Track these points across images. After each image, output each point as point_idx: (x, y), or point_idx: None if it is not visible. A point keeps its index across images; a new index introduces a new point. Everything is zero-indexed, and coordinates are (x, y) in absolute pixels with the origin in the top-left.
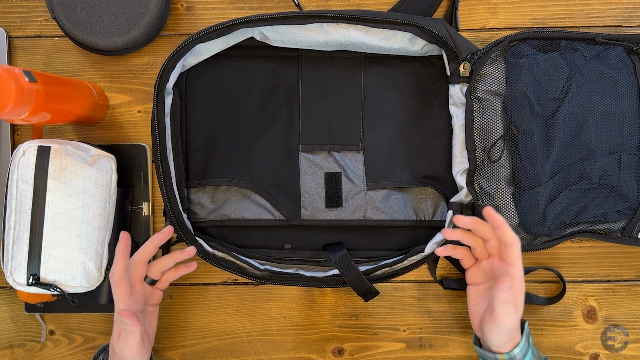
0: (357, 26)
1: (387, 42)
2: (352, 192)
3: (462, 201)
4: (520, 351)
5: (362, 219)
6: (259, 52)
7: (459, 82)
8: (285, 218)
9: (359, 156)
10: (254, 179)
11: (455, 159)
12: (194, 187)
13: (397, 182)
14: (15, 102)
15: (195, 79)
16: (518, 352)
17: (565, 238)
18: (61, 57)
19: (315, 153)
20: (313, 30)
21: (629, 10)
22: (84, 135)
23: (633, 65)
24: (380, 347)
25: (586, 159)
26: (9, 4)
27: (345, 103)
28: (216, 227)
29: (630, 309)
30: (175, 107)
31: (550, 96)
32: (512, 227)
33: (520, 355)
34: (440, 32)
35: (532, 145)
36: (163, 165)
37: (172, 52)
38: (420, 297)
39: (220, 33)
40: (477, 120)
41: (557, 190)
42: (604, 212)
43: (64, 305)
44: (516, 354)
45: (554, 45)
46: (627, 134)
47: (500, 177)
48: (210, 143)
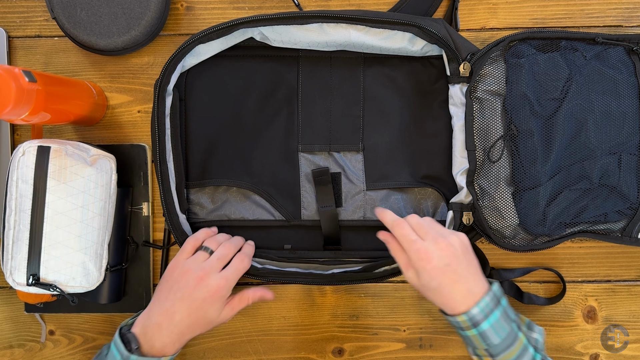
0: (356, 26)
1: (387, 42)
2: (352, 192)
3: (462, 201)
4: (481, 311)
5: (362, 219)
6: (259, 52)
7: (458, 82)
8: (285, 218)
9: (359, 156)
10: (253, 179)
11: (455, 159)
12: (193, 188)
13: (396, 183)
14: (15, 102)
15: (195, 80)
16: (477, 312)
17: (565, 238)
18: (61, 57)
19: (315, 153)
20: (313, 31)
21: (629, 10)
22: (84, 135)
23: (633, 65)
24: (380, 347)
25: (586, 159)
26: (9, 4)
27: (345, 103)
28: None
29: (630, 309)
30: (175, 108)
31: (550, 96)
32: (512, 227)
33: (482, 315)
34: (440, 32)
35: (532, 145)
36: (161, 168)
37: (173, 54)
38: (420, 297)
39: (220, 34)
40: (477, 120)
41: (557, 190)
42: (604, 212)
43: (63, 305)
44: (475, 314)
45: (554, 45)
46: (627, 134)
47: (500, 177)
48: (210, 143)
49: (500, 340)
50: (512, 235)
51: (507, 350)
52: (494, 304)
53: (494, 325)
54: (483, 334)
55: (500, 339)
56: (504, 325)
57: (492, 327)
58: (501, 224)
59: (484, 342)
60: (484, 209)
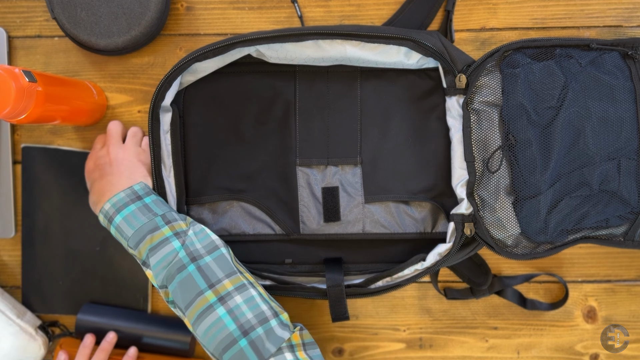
0: (352, 42)
1: (382, 57)
2: (350, 206)
3: (463, 213)
4: (113, 206)
5: (361, 232)
6: (256, 68)
7: (455, 95)
8: (285, 232)
9: (357, 170)
10: (253, 193)
11: (455, 170)
12: (194, 204)
13: (395, 195)
14: (15, 102)
15: (192, 96)
16: (109, 207)
17: (567, 245)
18: (61, 57)
19: (312, 167)
20: (309, 47)
21: (629, 10)
22: (84, 135)
23: (629, 69)
24: (380, 347)
25: (585, 166)
26: (9, 4)
27: (343, 117)
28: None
29: (630, 309)
30: (175, 124)
31: (547, 105)
32: (514, 237)
33: (114, 210)
34: (435, 45)
35: (530, 154)
36: (158, 182)
37: (169, 71)
38: (420, 297)
39: (217, 52)
40: (474, 131)
41: (558, 198)
42: (605, 218)
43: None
44: (107, 209)
45: (548, 53)
46: (625, 139)
47: (500, 187)
48: (209, 159)
49: (134, 231)
50: (514, 244)
51: (144, 240)
52: (130, 199)
53: (127, 218)
54: (118, 227)
55: (133, 229)
56: (139, 218)
57: (125, 219)
58: (503, 234)
59: (122, 236)
60: (485, 219)
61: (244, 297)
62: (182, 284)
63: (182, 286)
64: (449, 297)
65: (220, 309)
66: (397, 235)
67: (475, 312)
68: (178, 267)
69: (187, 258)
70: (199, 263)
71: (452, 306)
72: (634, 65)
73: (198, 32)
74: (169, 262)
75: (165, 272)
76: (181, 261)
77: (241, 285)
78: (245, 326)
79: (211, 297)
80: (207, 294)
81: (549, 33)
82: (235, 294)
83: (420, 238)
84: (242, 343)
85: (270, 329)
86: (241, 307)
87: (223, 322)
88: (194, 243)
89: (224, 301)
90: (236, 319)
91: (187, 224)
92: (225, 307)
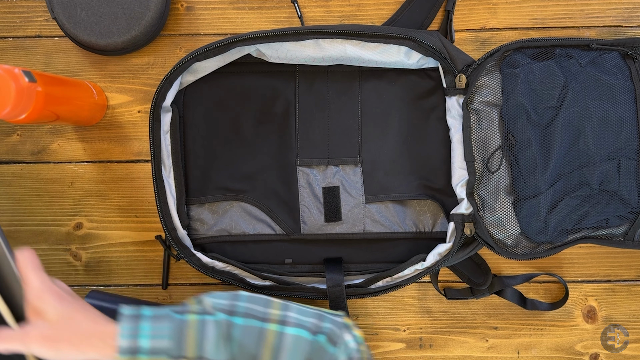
0: (352, 41)
1: (382, 56)
2: (351, 205)
3: (463, 213)
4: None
5: (362, 232)
6: (256, 67)
7: (455, 95)
8: (286, 232)
9: (357, 169)
10: (253, 193)
11: (455, 170)
12: (194, 204)
13: (396, 195)
14: (15, 102)
15: (192, 96)
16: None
17: (567, 245)
18: (61, 57)
19: (313, 167)
20: (309, 46)
21: (629, 10)
22: (84, 135)
23: (629, 69)
24: (380, 347)
25: (585, 166)
26: (9, 4)
27: (343, 117)
28: (216, 242)
29: (630, 309)
30: (175, 125)
31: (547, 104)
32: (514, 237)
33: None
34: (435, 45)
35: (530, 154)
36: (158, 183)
37: (169, 71)
38: (420, 297)
39: (217, 52)
40: (474, 131)
41: (558, 198)
42: (605, 218)
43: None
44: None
45: (548, 53)
46: (625, 139)
47: (500, 187)
48: (209, 159)
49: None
50: (514, 244)
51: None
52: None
53: (152, 334)
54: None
55: (170, 338)
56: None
57: (152, 337)
58: (503, 234)
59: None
60: (485, 219)
61: (294, 311)
62: (242, 333)
63: (244, 335)
64: (449, 297)
65: (290, 330)
66: (397, 235)
67: (475, 312)
68: (227, 325)
69: (225, 315)
70: (239, 308)
71: (452, 306)
72: (633, 65)
73: (198, 32)
74: (219, 332)
75: (222, 342)
76: (224, 320)
77: (283, 305)
78: (314, 328)
79: (275, 327)
80: (269, 327)
81: (549, 33)
82: (287, 311)
83: (421, 237)
84: (320, 339)
85: (330, 319)
86: (301, 318)
87: (298, 335)
88: (217, 302)
89: (285, 323)
90: (305, 327)
91: (194, 302)
92: (291, 325)
